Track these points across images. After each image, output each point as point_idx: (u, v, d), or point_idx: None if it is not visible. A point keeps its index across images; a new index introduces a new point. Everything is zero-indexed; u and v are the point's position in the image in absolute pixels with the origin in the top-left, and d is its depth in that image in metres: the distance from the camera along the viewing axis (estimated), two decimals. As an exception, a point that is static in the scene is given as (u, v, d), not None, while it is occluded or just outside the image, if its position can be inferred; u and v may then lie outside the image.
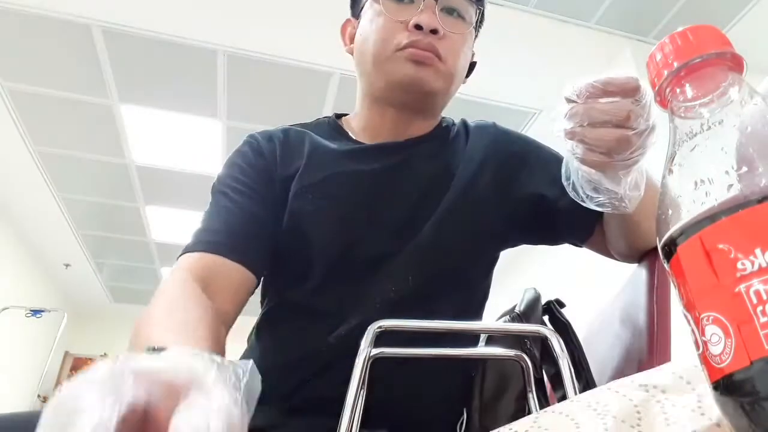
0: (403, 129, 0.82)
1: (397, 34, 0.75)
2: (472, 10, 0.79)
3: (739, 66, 0.32)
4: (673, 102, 0.32)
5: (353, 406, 0.50)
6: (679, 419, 0.32)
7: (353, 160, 0.79)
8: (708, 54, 0.31)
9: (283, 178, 0.77)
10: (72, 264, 5.61)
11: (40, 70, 3.15)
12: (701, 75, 0.31)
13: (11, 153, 3.86)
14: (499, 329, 0.65)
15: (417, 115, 0.82)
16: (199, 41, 2.92)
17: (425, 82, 0.75)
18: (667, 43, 0.32)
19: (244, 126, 3.55)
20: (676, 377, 0.35)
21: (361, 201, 0.75)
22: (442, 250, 0.73)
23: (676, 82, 0.32)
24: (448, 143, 0.84)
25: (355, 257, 0.72)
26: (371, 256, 0.72)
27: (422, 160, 0.80)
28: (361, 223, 0.74)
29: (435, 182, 0.78)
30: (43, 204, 4.50)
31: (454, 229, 0.75)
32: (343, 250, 0.73)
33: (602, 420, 0.33)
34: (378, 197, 0.75)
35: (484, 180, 0.79)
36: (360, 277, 0.72)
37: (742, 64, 0.32)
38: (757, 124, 0.28)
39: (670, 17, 2.78)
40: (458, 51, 0.78)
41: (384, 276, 0.71)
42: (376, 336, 0.55)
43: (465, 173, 0.79)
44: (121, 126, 3.56)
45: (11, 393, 5.37)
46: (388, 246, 0.73)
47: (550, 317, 0.69)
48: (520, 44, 2.91)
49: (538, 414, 0.36)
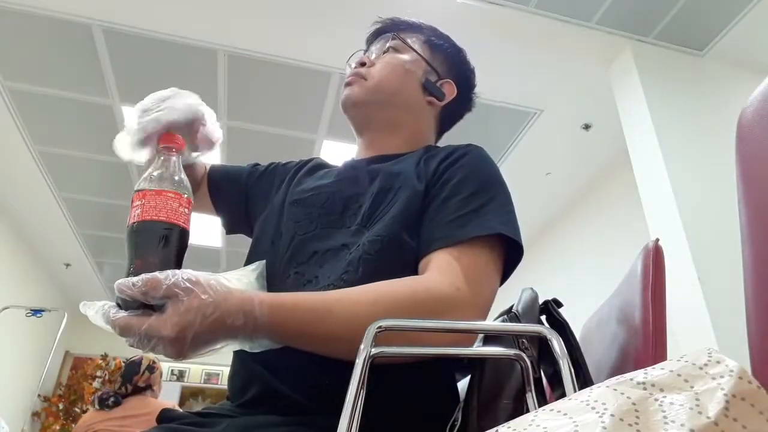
0: (371, 151, 0.94)
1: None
2: (390, 39, 0.98)
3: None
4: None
5: (353, 406, 0.50)
6: (678, 417, 0.32)
7: (329, 177, 0.91)
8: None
9: (282, 189, 0.94)
10: (72, 264, 5.62)
11: (40, 70, 3.15)
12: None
13: (11, 153, 3.86)
14: (499, 329, 0.65)
15: (375, 136, 0.95)
16: (199, 41, 2.93)
17: (351, 96, 0.94)
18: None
19: (244, 126, 3.55)
20: (674, 375, 0.35)
21: (338, 205, 0.84)
22: (391, 249, 0.75)
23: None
24: (407, 155, 0.89)
25: (314, 247, 0.79)
26: (327, 247, 0.78)
27: (391, 159, 0.88)
28: (333, 223, 0.81)
29: (396, 174, 0.83)
30: (43, 204, 4.51)
31: (403, 224, 0.77)
32: (306, 240, 0.80)
33: (600, 418, 0.33)
34: (353, 198, 0.84)
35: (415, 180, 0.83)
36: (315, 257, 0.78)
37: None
38: None
39: (670, 17, 2.78)
40: (381, 69, 0.94)
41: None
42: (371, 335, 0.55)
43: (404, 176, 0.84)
44: (121, 126, 3.54)
45: (11, 393, 5.38)
46: (345, 239, 0.78)
47: (547, 317, 0.69)
48: (520, 44, 2.91)
49: (536, 412, 0.36)
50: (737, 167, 0.53)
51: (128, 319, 0.55)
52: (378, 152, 0.93)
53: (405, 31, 0.99)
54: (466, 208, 0.74)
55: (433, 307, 0.64)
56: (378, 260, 0.72)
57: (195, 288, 0.56)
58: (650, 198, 2.66)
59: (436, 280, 0.67)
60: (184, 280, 0.56)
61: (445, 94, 0.97)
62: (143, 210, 0.61)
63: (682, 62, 2.95)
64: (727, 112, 2.71)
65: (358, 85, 0.93)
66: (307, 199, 0.86)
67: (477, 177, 0.79)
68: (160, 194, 0.62)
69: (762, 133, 0.52)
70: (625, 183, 3.34)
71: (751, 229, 0.51)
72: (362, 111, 0.94)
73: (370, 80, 0.93)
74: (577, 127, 3.52)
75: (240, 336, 0.59)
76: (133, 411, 2.40)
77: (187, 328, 0.54)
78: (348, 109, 0.95)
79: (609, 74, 3.00)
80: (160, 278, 0.55)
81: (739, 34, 2.83)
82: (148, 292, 0.55)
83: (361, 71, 0.94)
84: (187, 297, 0.55)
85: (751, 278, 0.50)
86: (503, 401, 0.63)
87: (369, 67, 0.95)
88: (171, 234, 0.62)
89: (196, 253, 4.50)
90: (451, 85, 0.98)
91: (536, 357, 0.61)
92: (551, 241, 4.47)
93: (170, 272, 0.56)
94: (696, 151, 2.64)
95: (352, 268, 0.72)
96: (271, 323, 0.59)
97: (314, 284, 0.73)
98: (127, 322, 0.55)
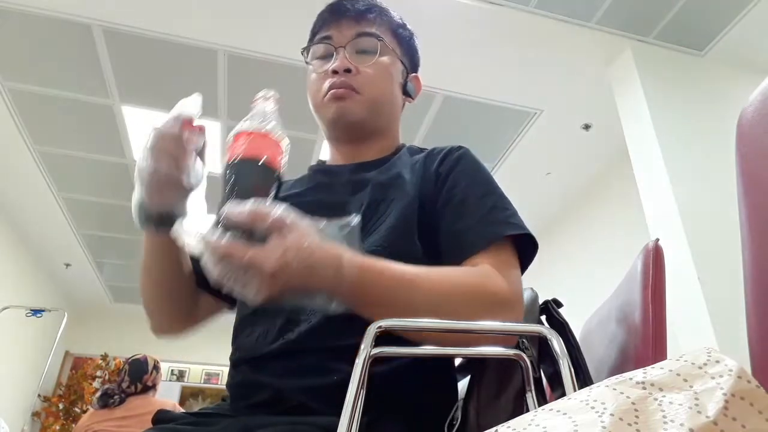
0: (352, 158, 0.91)
1: (322, 84, 0.89)
2: (375, 42, 0.90)
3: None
4: None
5: (353, 406, 0.50)
6: (677, 417, 0.32)
7: (299, 186, 0.90)
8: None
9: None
10: (72, 264, 5.61)
11: (40, 70, 3.15)
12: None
13: (12, 153, 3.86)
14: (499, 329, 0.65)
15: (361, 144, 0.91)
16: (199, 41, 2.93)
17: (346, 114, 0.86)
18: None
19: (244, 126, 3.55)
20: (673, 374, 0.35)
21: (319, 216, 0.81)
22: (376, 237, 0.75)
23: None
24: (392, 162, 0.88)
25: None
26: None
27: (376, 167, 0.86)
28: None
29: (386, 186, 0.82)
30: (44, 204, 4.51)
31: (398, 234, 0.76)
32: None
33: (600, 418, 0.33)
34: (335, 207, 0.80)
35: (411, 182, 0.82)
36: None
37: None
38: None
39: (670, 17, 2.78)
40: (374, 80, 0.88)
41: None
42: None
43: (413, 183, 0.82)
44: (121, 126, 3.56)
45: (11, 393, 5.37)
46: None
47: (547, 317, 0.69)
48: (520, 44, 2.91)
49: (536, 412, 0.36)
50: (737, 167, 0.53)
51: (232, 245, 0.53)
52: (359, 159, 0.90)
53: (376, 22, 0.91)
54: (484, 208, 0.75)
55: (496, 306, 0.65)
56: None
57: (299, 227, 0.55)
58: (650, 198, 2.66)
59: (499, 279, 0.67)
60: (289, 217, 0.55)
61: (415, 90, 0.97)
62: (248, 148, 0.63)
63: (682, 62, 2.95)
64: (727, 112, 2.71)
65: (352, 101, 0.86)
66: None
67: (482, 178, 0.81)
68: (264, 137, 0.64)
69: (762, 133, 0.52)
70: (625, 183, 3.34)
71: (751, 228, 0.51)
72: (358, 126, 0.89)
73: (365, 94, 0.86)
74: (577, 127, 3.52)
75: (322, 291, 0.58)
76: (134, 411, 2.40)
77: (286, 266, 0.53)
78: (340, 126, 0.89)
79: (609, 74, 3.00)
80: (267, 210, 0.55)
81: (739, 34, 2.83)
82: (256, 221, 0.54)
83: (351, 83, 0.86)
84: (290, 234, 0.54)
85: (751, 278, 0.50)
86: (503, 401, 0.63)
87: (355, 75, 0.87)
88: (269, 175, 0.63)
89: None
90: (417, 80, 0.98)
91: (536, 357, 0.61)
92: (551, 241, 4.47)
93: (277, 206, 0.56)
94: (696, 151, 2.64)
95: None
96: (357, 283, 0.58)
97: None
98: (230, 247, 0.53)
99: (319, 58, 0.92)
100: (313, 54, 0.94)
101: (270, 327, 0.74)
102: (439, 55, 2.88)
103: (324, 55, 0.91)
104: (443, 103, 3.32)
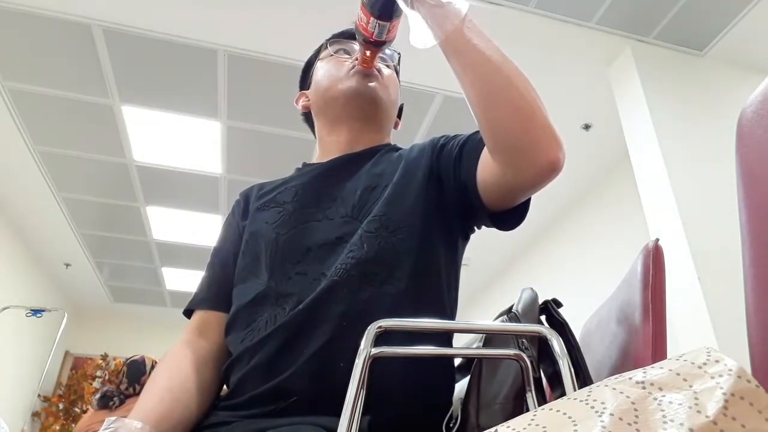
0: (353, 145, 0.93)
1: (344, 65, 0.94)
2: (396, 56, 1.00)
3: None
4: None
5: (353, 406, 0.50)
6: (676, 416, 0.32)
7: (304, 175, 0.91)
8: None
9: (243, 223, 0.90)
10: (72, 264, 5.61)
11: (40, 70, 3.15)
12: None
13: (11, 153, 3.86)
14: (499, 329, 0.65)
15: (368, 128, 0.94)
16: (199, 41, 2.93)
17: (373, 91, 0.91)
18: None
19: (244, 126, 3.55)
20: (673, 374, 0.35)
21: (310, 198, 0.84)
22: (390, 226, 0.77)
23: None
24: (392, 150, 0.94)
25: (306, 243, 0.79)
26: (321, 242, 0.78)
27: (367, 160, 0.90)
28: (312, 216, 0.82)
29: (379, 175, 0.85)
30: (43, 204, 4.50)
31: (398, 206, 0.79)
32: (292, 237, 0.80)
33: (600, 417, 0.33)
34: (327, 190, 0.85)
35: (422, 165, 0.85)
36: (313, 258, 0.78)
37: None
38: None
39: (670, 17, 2.78)
40: (393, 83, 0.96)
41: (338, 253, 0.77)
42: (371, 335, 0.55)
43: (406, 163, 0.86)
44: (121, 126, 3.56)
45: (11, 393, 5.38)
46: (338, 231, 0.79)
47: (547, 317, 0.69)
48: (520, 44, 2.91)
49: (535, 412, 0.36)
50: (737, 167, 0.53)
51: None
52: (351, 149, 0.93)
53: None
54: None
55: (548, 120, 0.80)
56: (379, 236, 0.75)
57: None
58: (650, 198, 2.66)
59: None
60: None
61: (401, 109, 1.04)
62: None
63: (682, 62, 2.95)
64: (727, 112, 2.71)
65: (380, 84, 0.92)
66: (274, 198, 0.87)
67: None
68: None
69: (762, 132, 0.52)
70: (625, 183, 3.34)
71: (751, 228, 0.51)
72: (378, 108, 0.93)
73: (391, 91, 0.95)
74: (577, 127, 3.52)
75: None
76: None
77: None
78: (362, 97, 0.91)
79: (609, 74, 3.00)
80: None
81: (739, 34, 2.83)
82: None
83: (381, 77, 0.93)
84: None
85: (751, 278, 0.50)
86: (503, 401, 0.63)
87: (380, 73, 0.94)
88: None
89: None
90: (401, 116, 1.05)
91: (536, 357, 0.61)
92: (551, 240, 4.47)
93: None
94: (696, 151, 2.64)
95: (355, 247, 0.74)
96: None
97: (322, 280, 0.73)
98: None
99: (337, 53, 0.98)
100: (329, 52, 0.99)
101: (269, 319, 0.73)
102: (439, 54, 2.88)
103: (344, 50, 0.97)
104: (443, 103, 3.32)
